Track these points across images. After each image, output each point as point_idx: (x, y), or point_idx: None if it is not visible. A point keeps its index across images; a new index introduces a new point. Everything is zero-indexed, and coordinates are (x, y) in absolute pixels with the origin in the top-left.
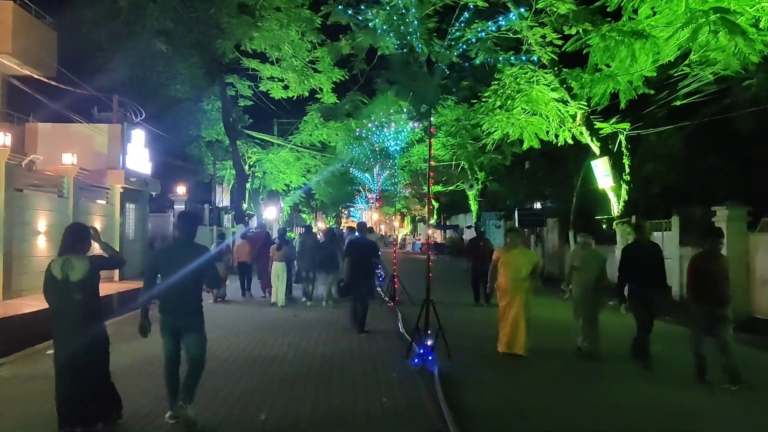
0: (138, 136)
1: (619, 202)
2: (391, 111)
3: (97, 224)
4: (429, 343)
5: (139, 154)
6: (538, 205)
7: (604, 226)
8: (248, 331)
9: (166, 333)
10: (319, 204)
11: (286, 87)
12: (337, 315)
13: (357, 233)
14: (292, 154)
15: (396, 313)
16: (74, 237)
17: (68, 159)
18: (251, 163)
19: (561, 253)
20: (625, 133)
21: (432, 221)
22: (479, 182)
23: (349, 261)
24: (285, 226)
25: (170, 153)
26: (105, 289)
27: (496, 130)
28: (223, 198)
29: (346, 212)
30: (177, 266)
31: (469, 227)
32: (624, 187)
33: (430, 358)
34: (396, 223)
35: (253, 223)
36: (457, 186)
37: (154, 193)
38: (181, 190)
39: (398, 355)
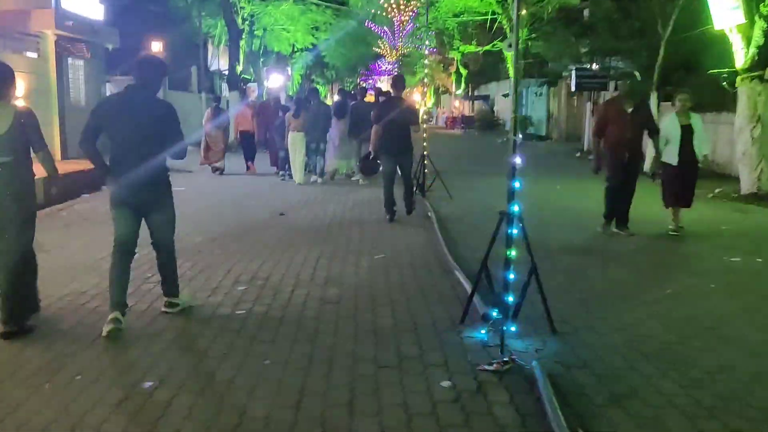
0: None
1: (747, 48)
2: None
3: (23, 84)
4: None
5: None
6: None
7: (724, 84)
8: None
9: (119, 209)
10: (334, 75)
11: None
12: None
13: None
14: (296, 7)
15: (431, 219)
16: None
17: None
18: (245, 16)
19: None
20: None
21: (459, 91)
22: (520, 40)
23: (381, 128)
24: (302, 93)
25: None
26: (41, 171)
27: None
28: (220, 62)
29: (362, 82)
30: (129, 122)
31: (506, 95)
32: (761, 24)
33: (513, 351)
34: (417, 96)
35: (253, 91)
36: (494, 45)
37: (110, 46)
38: (156, 46)
39: (445, 313)
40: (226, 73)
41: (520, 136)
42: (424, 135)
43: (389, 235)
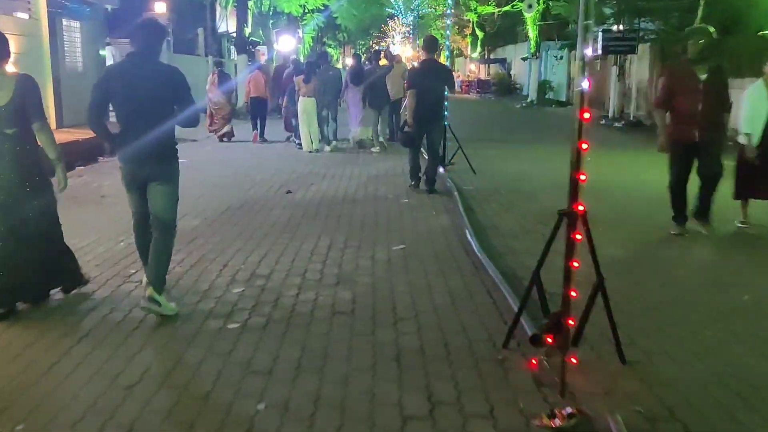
0: None
1: None
2: None
3: (14, 48)
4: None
5: None
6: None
7: None
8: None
9: (131, 186)
10: (346, 37)
11: None
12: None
13: (427, 51)
14: None
15: (454, 198)
16: None
17: None
18: None
19: (652, 92)
20: None
21: (474, 54)
22: (540, 1)
23: (415, 95)
24: (313, 57)
25: None
26: None
27: None
28: (228, 23)
29: (376, 44)
30: (135, 92)
31: (525, 58)
32: None
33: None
34: None
35: (263, 54)
36: (513, 5)
37: (109, 7)
38: (160, 7)
39: (482, 329)
40: (234, 35)
41: (587, 115)
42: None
43: (409, 218)
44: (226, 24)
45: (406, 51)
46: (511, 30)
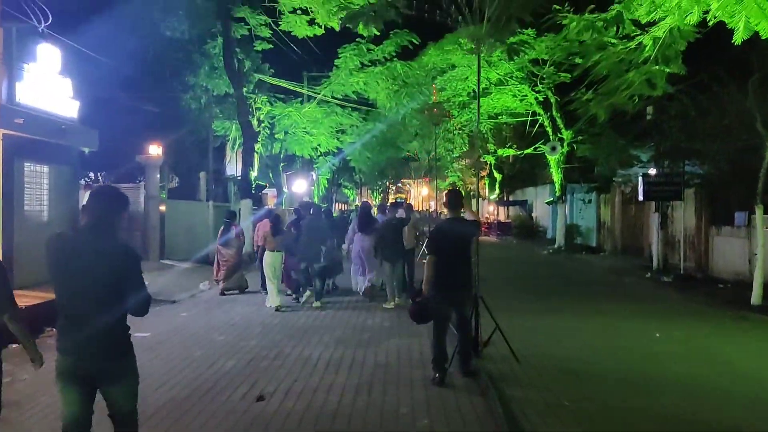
0: (48, 55)
1: None
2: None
3: None
4: None
5: (49, 84)
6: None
7: None
8: None
9: (65, 384)
10: (362, 178)
11: (312, 22)
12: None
13: (450, 208)
14: (320, 109)
15: (496, 411)
16: None
17: None
18: (261, 117)
19: (702, 241)
20: None
21: (493, 196)
22: (564, 143)
23: (434, 265)
24: (303, 204)
25: (152, 101)
26: None
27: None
28: (238, 167)
29: (393, 186)
30: (77, 272)
31: (550, 202)
32: None
33: None
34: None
35: (272, 197)
36: (535, 148)
37: (86, 150)
38: (154, 150)
39: None
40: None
41: None
42: None
43: None
44: (235, 167)
45: (422, 190)
46: (530, 172)
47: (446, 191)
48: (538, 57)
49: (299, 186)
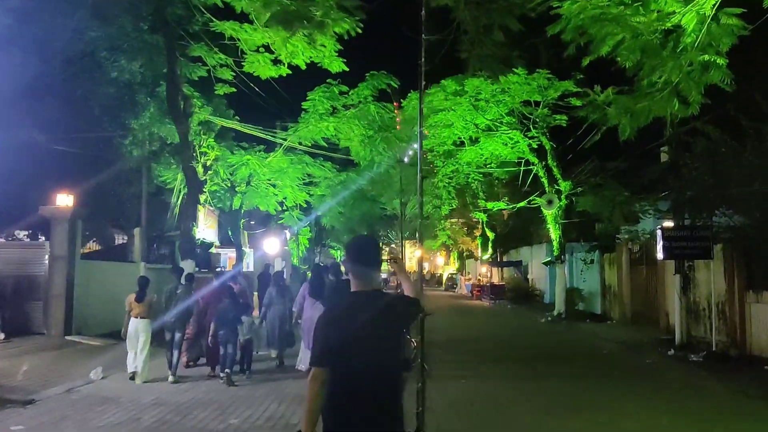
0: None
1: None
2: None
3: None
4: None
5: None
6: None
7: None
8: None
9: None
10: (328, 238)
11: (277, 61)
12: None
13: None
14: (286, 158)
15: None
16: None
17: None
18: (207, 163)
19: (735, 309)
20: None
21: (485, 256)
22: (562, 196)
23: (323, 379)
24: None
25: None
26: None
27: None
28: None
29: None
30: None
31: (547, 263)
32: None
33: None
34: (440, 260)
35: (230, 258)
36: (529, 202)
37: None
38: (63, 200)
39: None
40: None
41: None
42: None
43: None
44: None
45: (414, 252)
46: (524, 229)
47: (352, 239)
48: (529, 98)
49: (270, 245)
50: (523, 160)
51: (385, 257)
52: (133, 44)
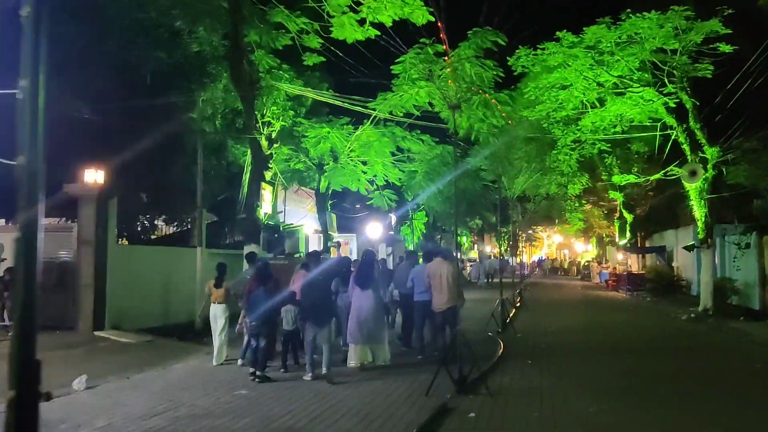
0: None
1: None
2: None
3: None
4: None
5: None
6: None
7: None
8: None
9: None
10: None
11: (363, 22)
12: None
13: None
14: (375, 131)
15: None
16: None
17: None
18: (273, 135)
19: None
20: None
21: (623, 241)
22: (708, 165)
23: None
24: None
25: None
26: None
27: None
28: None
29: (523, 233)
30: None
31: (689, 247)
32: None
33: None
34: (580, 246)
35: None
36: (665, 173)
37: None
38: (91, 176)
39: None
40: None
41: None
42: None
43: None
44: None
45: (553, 237)
46: (668, 211)
47: None
48: (663, 45)
49: (372, 230)
50: (659, 124)
51: None
52: (204, 8)
